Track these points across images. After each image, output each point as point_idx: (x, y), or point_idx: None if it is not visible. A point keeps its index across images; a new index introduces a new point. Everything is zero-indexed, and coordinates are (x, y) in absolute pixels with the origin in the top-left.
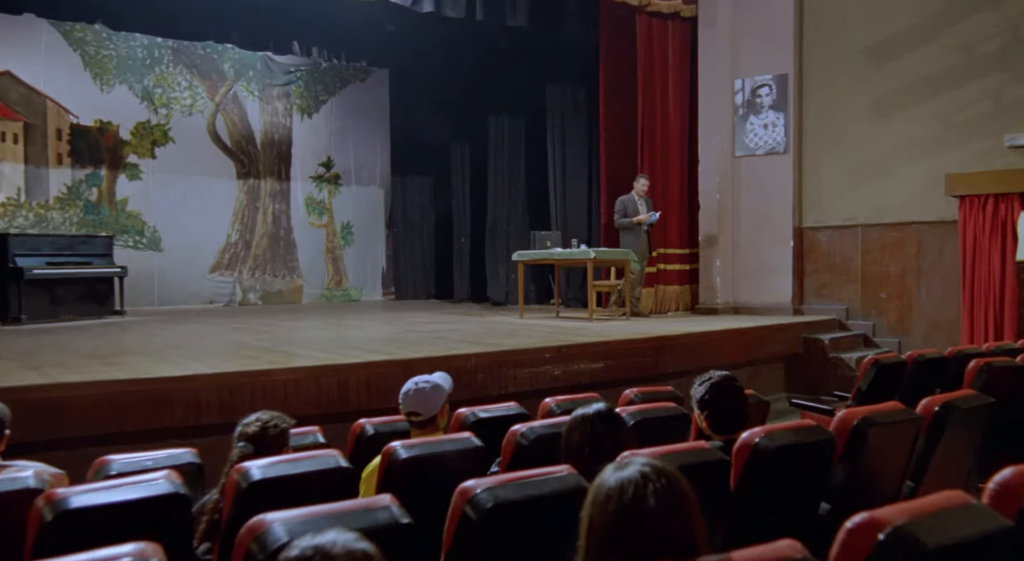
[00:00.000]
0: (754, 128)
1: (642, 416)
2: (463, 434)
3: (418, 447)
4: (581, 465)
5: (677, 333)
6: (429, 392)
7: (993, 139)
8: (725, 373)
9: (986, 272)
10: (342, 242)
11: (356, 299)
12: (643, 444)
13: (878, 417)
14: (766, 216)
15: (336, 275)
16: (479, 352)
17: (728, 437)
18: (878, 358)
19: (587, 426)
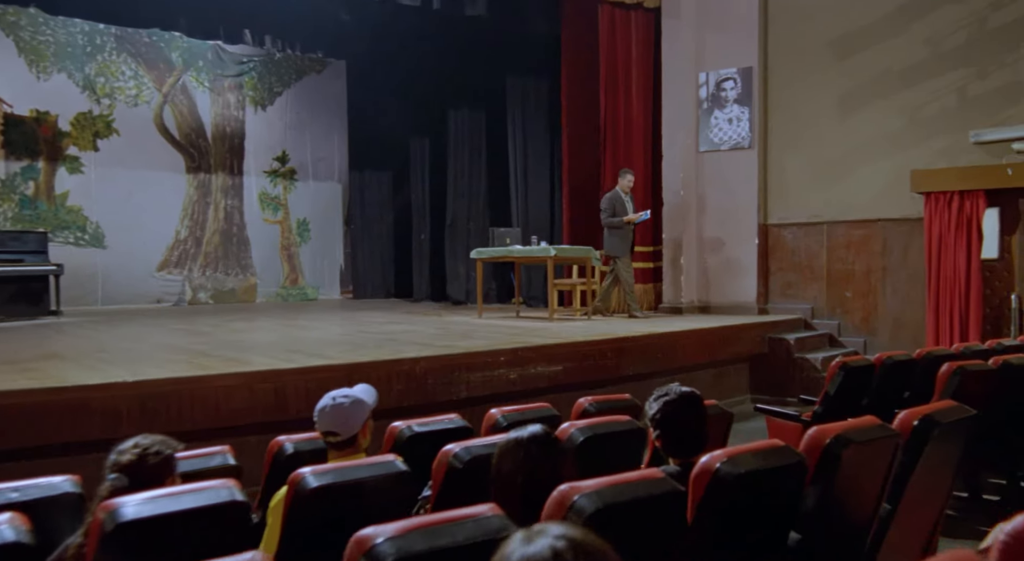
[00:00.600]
0: (719, 123)
1: (593, 432)
2: (386, 457)
3: (332, 474)
4: (513, 500)
5: (639, 334)
6: (348, 408)
7: (958, 135)
8: (684, 389)
9: (951, 270)
10: (298, 239)
11: (313, 298)
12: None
13: (853, 435)
14: (731, 213)
15: (292, 273)
16: (429, 355)
17: (686, 460)
18: (846, 361)
19: (520, 452)
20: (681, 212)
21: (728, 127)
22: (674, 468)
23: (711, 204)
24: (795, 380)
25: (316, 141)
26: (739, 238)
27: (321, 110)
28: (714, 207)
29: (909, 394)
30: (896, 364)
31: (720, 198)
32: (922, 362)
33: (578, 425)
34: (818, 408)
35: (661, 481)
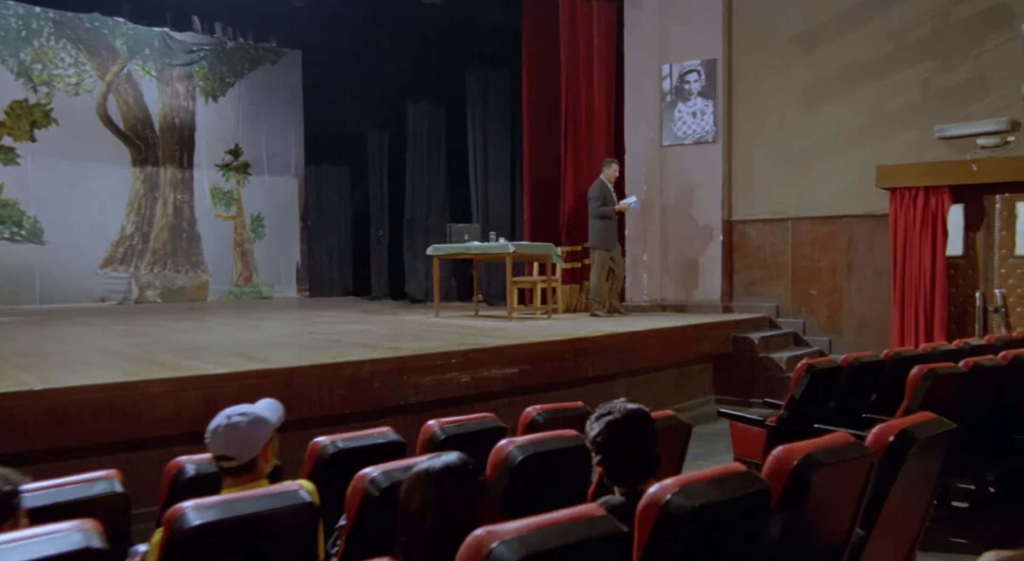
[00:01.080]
0: (682, 116)
1: (534, 450)
2: (289, 486)
3: (220, 508)
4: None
5: (599, 334)
6: (245, 428)
7: (923, 130)
8: (631, 405)
9: (917, 268)
10: (252, 235)
11: (268, 296)
12: (524, 497)
13: (822, 456)
14: (695, 209)
15: (245, 270)
16: (376, 358)
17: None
18: (812, 363)
19: (430, 487)
20: (644, 208)
21: (692, 121)
22: (618, 499)
23: (675, 200)
24: (760, 380)
25: (271, 134)
26: (703, 235)
27: (276, 102)
28: (678, 203)
29: (877, 396)
30: (863, 366)
31: (684, 193)
32: (890, 363)
33: (517, 442)
34: (783, 412)
35: (599, 521)
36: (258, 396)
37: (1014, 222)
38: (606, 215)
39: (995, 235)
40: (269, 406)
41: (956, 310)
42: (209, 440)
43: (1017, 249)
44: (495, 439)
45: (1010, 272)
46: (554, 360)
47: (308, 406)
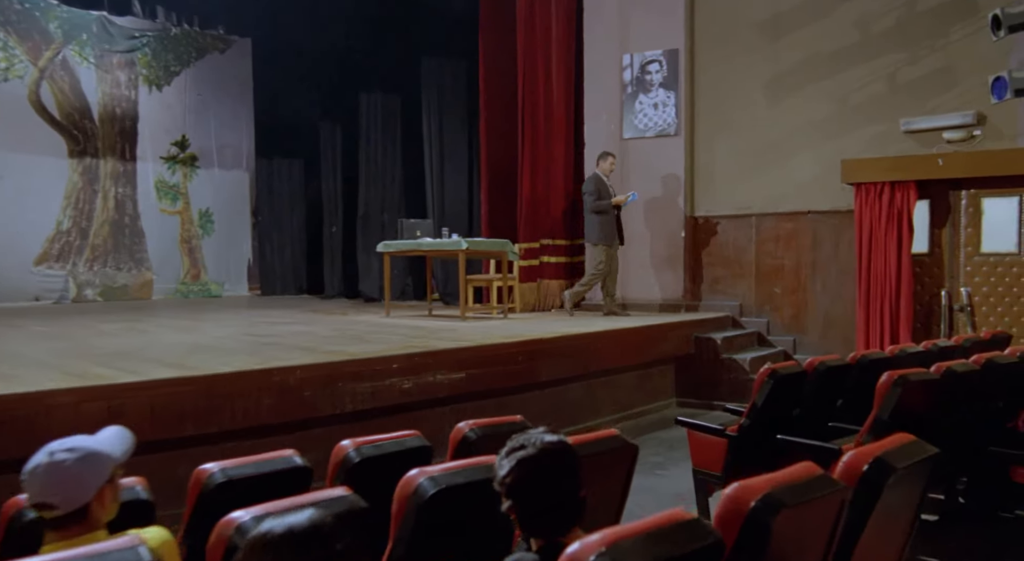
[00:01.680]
0: (643, 108)
1: (450, 481)
2: (126, 541)
3: None
4: None
5: (554, 335)
6: (72, 467)
7: (889, 123)
8: (550, 438)
9: (882, 266)
10: (200, 231)
11: (217, 295)
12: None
13: (784, 495)
14: (656, 204)
15: (193, 268)
16: (308, 363)
17: (552, 542)
18: (775, 368)
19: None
20: None
21: (654, 113)
22: (531, 557)
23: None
24: (723, 382)
25: (220, 126)
26: (665, 231)
27: (225, 92)
28: (639, 198)
29: (843, 402)
30: (829, 370)
31: (645, 188)
32: (856, 367)
33: (430, 472)
34: (745, 421)
35: None
36: (171, 408)
37: (980, 219)
38: (602, 210)
39: (961, 232)
40: (112, 437)
41: (922, 309)
42: (25, 483)
43: (983, 246)
44: (419, 461)
45: (975, 270)
46: (505, 364)
47: (230, 417)
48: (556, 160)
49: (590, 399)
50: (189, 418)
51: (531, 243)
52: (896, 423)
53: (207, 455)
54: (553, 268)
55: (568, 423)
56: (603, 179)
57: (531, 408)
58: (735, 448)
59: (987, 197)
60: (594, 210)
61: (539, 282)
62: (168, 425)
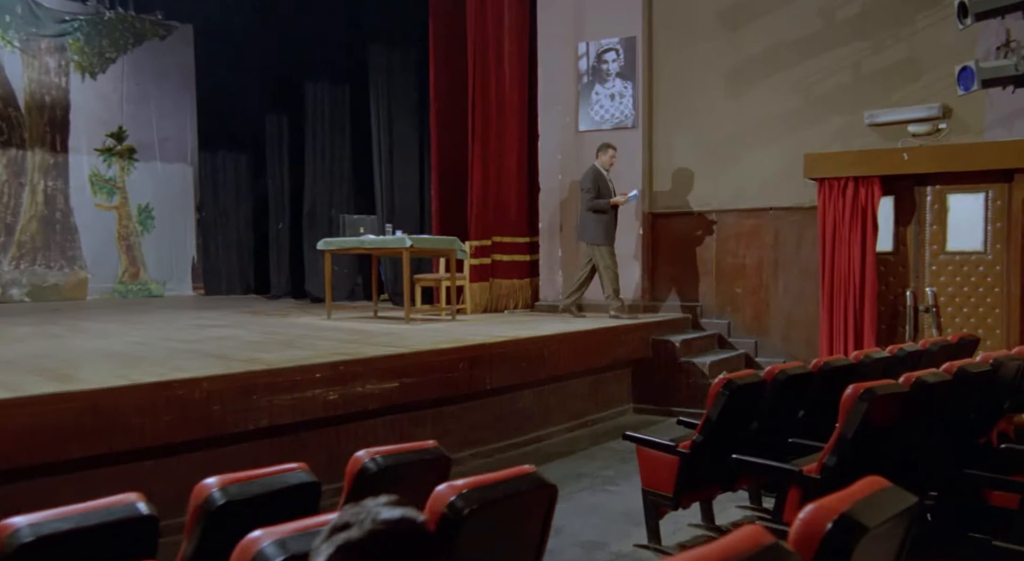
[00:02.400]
0: (600, 99)
1: (295, 550)
2: None
3: None
4: None
5: (499, 340)
6: None
7: (853, 115)
8: (391, 513)
9: (846, 265)
10: (139, 228)
11: (158, 295)
12: None
13: None
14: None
15: (131, 267)
16: (220, 374)
17: None
18: (731, 379)
19: None
20: (559, 199)
21: (610, 104)
22: None
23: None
24: (681, 387)
25: (162, 117)
26: (622, 228)
27: (167, 81)
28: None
29: (805, 413)
30: (790, 379)
31: None
32: (819, 376)
33: (279, 534)
34: (698, 436)
35: None
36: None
37: (945, 216)
38: (600, 209)
39: (926, 230)
40: None
41: (886, 310)
42: None
43: (948, 245)
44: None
45: (941, 269)
46: (444, 371)
47: (123, 436)
48: (509, 153)
49: (540, 408)
50: (72, 439)
51: (482, 241)
52: (861, 441)
53: (94, 480)
54: (506, 267)
55: (515, 433)
56: (602, 174)
57: (473, 419)
58: (687, 467)
59: (953, 193)
60: (591, 208)
61: (491, 281)
62: (46, 448)
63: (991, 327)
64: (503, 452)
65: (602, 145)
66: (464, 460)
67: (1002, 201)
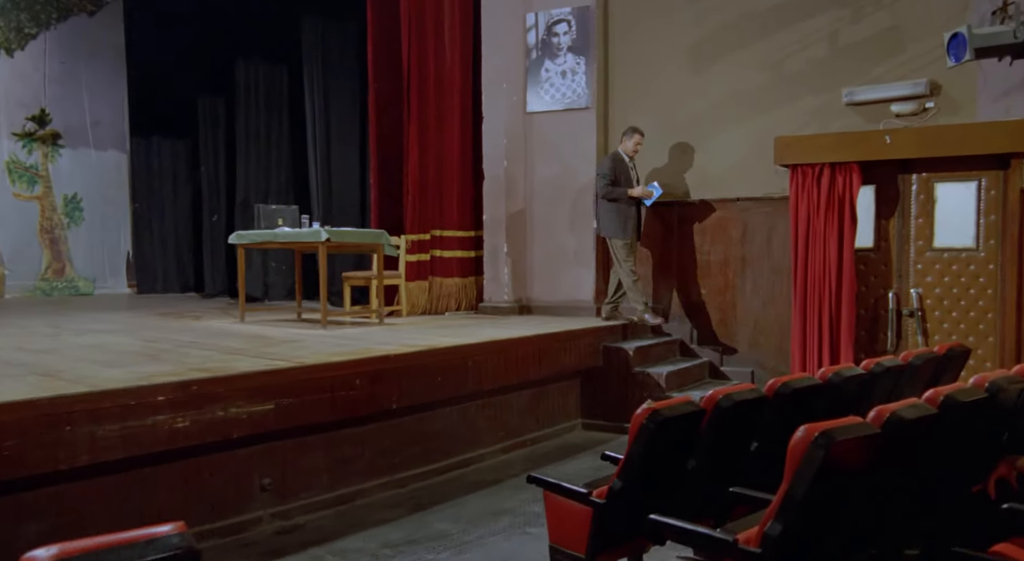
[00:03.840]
0: (550, 76)
1: None
2: None
3: None
4: None
5: (410, 350)
6: None
7: (829, 93)
8: None
9: (821, 263)
10: (65, 220)
11: (87, 293)
12: None
13: None
14: (565, 189)
15: (56, 262)
16: (22, 399)
17: None
18: (658, 409)
19: None
20: (505, 188)
21: (561, 81)
22: None
23: (541, 178)
24: (635, 401)
25: (92, 99)
26: (575, 221)
27: (97, 61)
28: (545, 181)
29: (758, 446)
30: (737, 407)
31: (552, 170)
32: (774, 403)
33: None
34: (616, 482)
35: None
36: None
37: (933, 208)
38: (614, 197)
39: (911, 223)
40: None
41: (866, 314)
42: None
43: (936, 240)
44: None
45: (927, 268)
46: (336, 389)
47: None
48: (450, 137)
49: (467, 427)
50: None
51: (420, 234)
52: (815, 502)
53: None
54: (447, 264)
55: (437, 457)
56: (624, 160)
57: (381, 443)
58: (603, 521)
59: (941, 182)
60: (604, 196)
61: (431, 280)
62: None
63: (983, 334)
64: (421, 480)
65: (627, 129)
66: (371, 491)
67: (996, 191)
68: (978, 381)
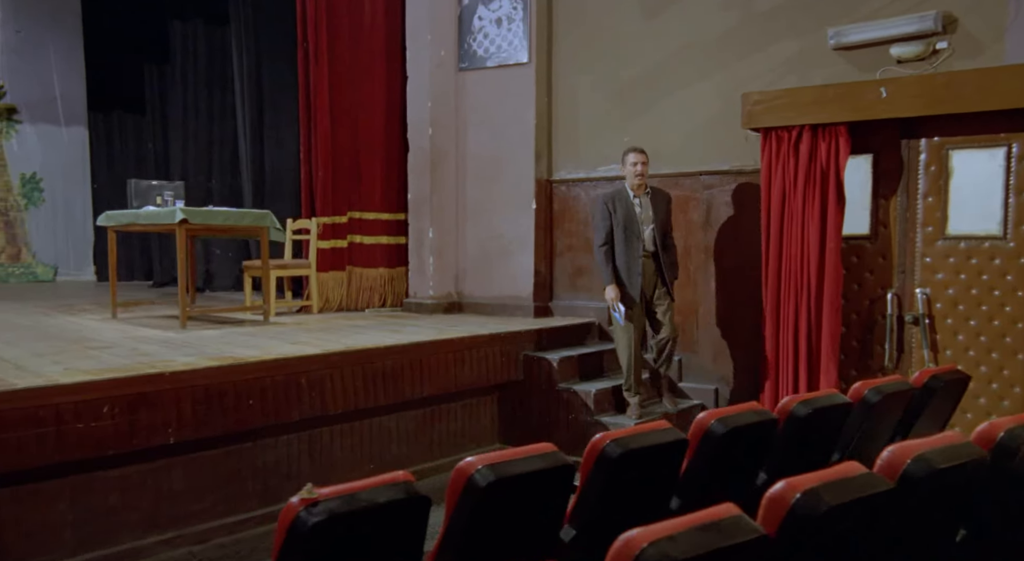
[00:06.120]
0: (483, 24)
1: None
2: None
3: None
4: None
5: (198, 366)
6: None
7: (811, 35)
8: None
9: (799, 253)
10: (22, 201)
11: (46, 279)
12: None
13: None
14: (499, 163)
15: (11, 246)
16: None
17: None
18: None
19: None
20: (432, 161)
21: (496, 31)
22: None
23: (475, 150)
24: (560, 424)
25: (51, 71)
26: (511, 200)
27: (57, 30)
28: (477, 154)
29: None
30: (644, 464)
31: (485, 140)
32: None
33: None
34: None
35: None
36: None
37: (946, 182)
38: (603, 258)
39: (917, 203)
40: None
41: (859, 319)
42: None
43: (950, 226)
44: None
45: (938, 262)
46: (62, 422)
47: None
48: (373, 103)
49: (312, 459)
50: None
51: (334, 217)
52: None
53: None
54: (369, 252)
55: (259, 503)
56: (627, 195)
57: (165, 486)
58: None
59: (957, 148)
60: (597, 258)
61: (349, 270)
62: None
63: (1009, 350)
64: (237, 532)
65: (625, 151)
66: (153, 549)
67: None
68: (987, 431)
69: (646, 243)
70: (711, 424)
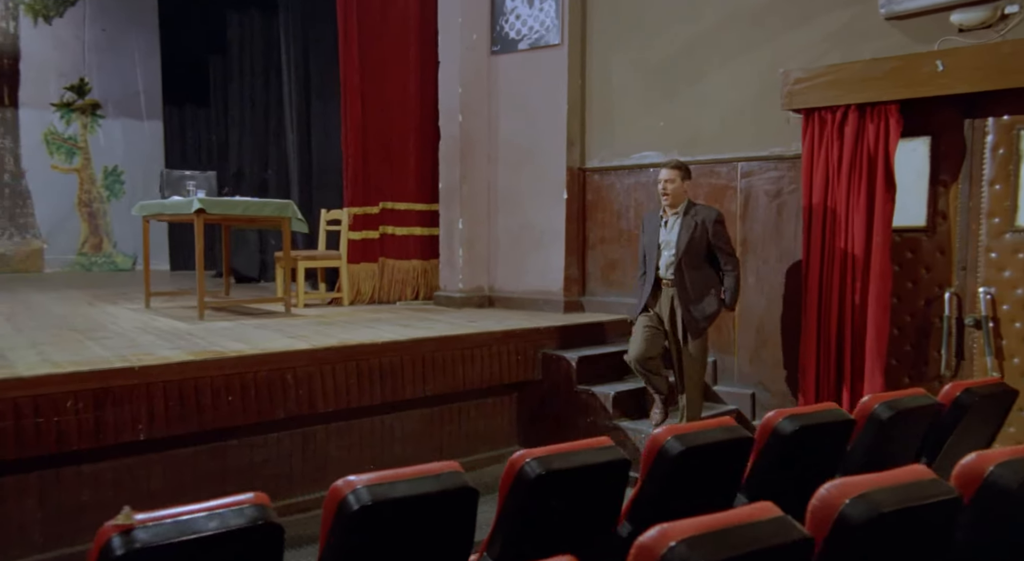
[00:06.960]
0: (516, 5)
1: None
2: None
3: None
4: None
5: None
6: None
7: (858, 4)
8: None
9: (843, 247)
10: (105, 193)
11: (125, 268)
12: None
13: None
14: (531, 150)
15: (93, 236)
16: None
17: None
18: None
19: None
20: (463, 150)
21: (528, 12)
22: None
23: (505, 136)
24: (579, 427)
25: (132, 66)
26: (542, 190)
27: (136, 27)
28: (509, 141)
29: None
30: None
31: (516, 127)
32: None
33: None
34: None
35: None
36: None
37: (1017, 167)
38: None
39: (983, 191)
40: None
41: (913, 322)
42: None
43: (1020, 217)
44: None
45: (1006, 258)
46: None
47: None
48: (403, 87)
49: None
50: None
51: (366, 207)
52: None
53: None
54: (402, 243)
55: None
56: (656, 212)
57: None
58: None
59: None
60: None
61: (381, 262)
62: None
63: None
64: None
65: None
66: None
67: None
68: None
69: (660, 269)
70: (779, 422)
